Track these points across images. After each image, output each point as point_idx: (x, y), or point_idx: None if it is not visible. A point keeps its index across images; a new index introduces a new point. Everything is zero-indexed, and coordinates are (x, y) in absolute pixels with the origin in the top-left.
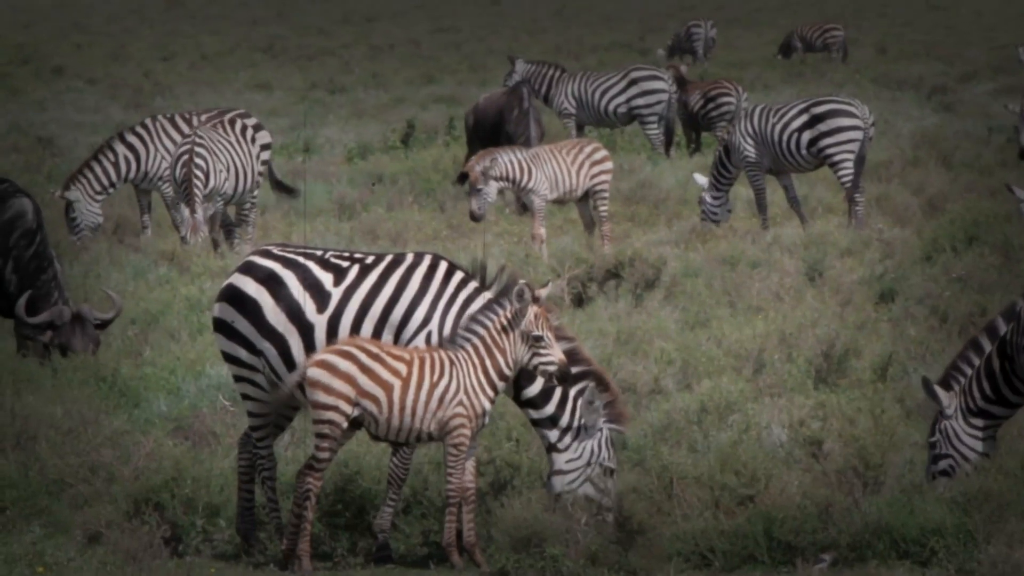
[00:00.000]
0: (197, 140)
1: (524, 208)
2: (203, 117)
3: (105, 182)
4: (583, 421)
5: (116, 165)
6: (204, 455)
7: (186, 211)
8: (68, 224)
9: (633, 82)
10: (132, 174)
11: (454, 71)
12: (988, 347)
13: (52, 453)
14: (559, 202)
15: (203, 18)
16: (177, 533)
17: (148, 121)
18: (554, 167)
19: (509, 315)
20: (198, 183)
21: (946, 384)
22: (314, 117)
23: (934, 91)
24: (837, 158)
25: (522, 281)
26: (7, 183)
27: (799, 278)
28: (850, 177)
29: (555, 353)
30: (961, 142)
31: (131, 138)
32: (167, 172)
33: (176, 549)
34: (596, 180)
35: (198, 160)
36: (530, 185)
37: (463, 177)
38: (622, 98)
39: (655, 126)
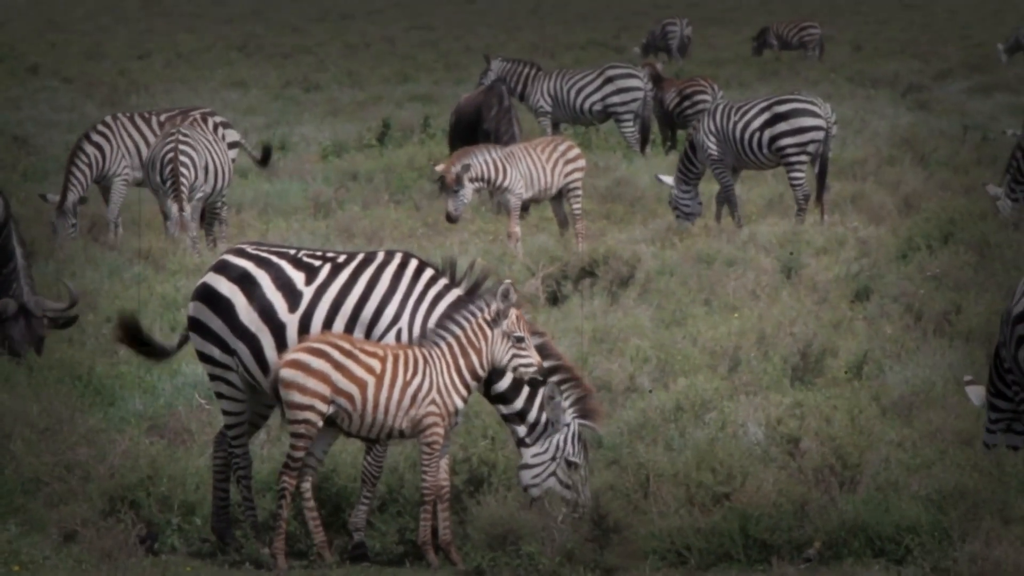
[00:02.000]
0: (181, 138)
1: (500, 206)
2: (163, 116)
3: (86, 184)
4: (546, 416)
5: (90, 166)
6: (180, 453)
7: (174, 208)
8: (66, 227)
9: (609, 80)
10: (97, 173)
11: (430, 69)
12: None
13: (27, 451)
14: (534, 200)
15: (179, 16)
16: (153, 531)
17: (109, 119)
18: (529, 165)
19: (489, 315)
20: (184, 180)
21: None
22: (289, 115)
23: (910, 89)
24: (792, 159)
25: (507, 281)
26: None
27: (775, 276)
28: (801, 180)
29: (534, 355)
30: (937, 140)
31: (97, 137)
32: (125, 169)
33: (152, 547)
34: (570, 178)
35: (183, 158)
36: (505, 184)
37: (443, 181)
38: (598, 96)
39: (630, 124)
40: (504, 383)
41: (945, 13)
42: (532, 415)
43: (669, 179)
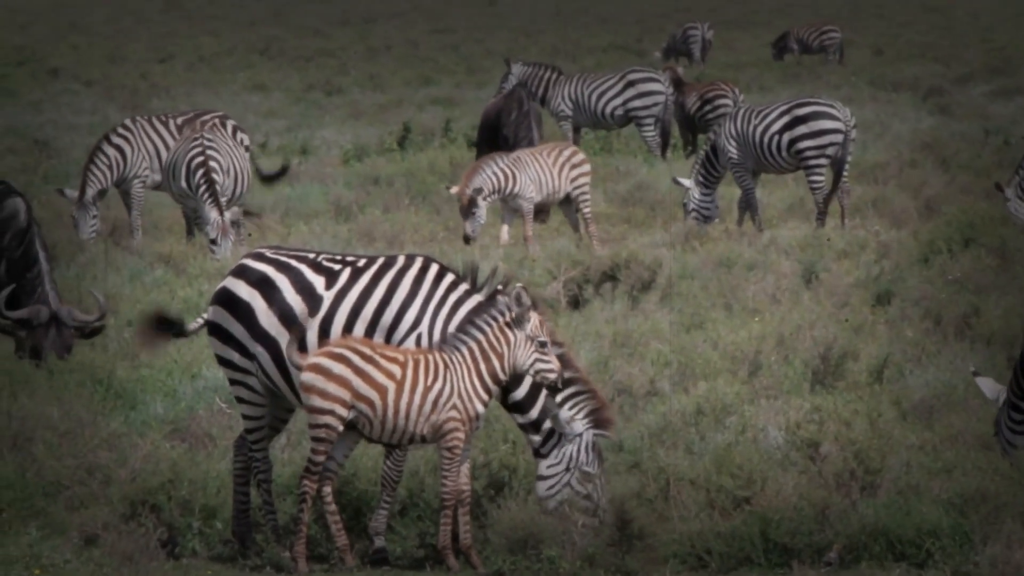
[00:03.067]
0: (207, 143)
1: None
2: (179, 119)
3: (105, 182)
4: (550, 428)
5: (110, 167)
6: (200, 457)
7: (213, 213)
8: (87, 222)
9: (630, 84)
10: (118, 175)
11: (451, 73)
12: None
13: (49, 455)
14: (542, 205)
15: (201, 19)
16: (173, 535)
17: (128, 122)
18: (537, 170)
19: (508, 319)
20: (217, 185)
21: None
22: (311, 118)
23: (931, 93)
24: (812, 162)
25: (519, 285)
26: (2, 184)
27: (795, 280)
28: (820, 184)
29: (555, 361)
30: (958, 144)
31: (117, 140)
32: (144, 172)
33: (172, 551)
34: (577, 183)
35: (212, 163)
36: (516, 190)
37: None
38: (619, 100)
39: (651, 128)
40: (520, 392)
41: (966, 16)
42: (546, 425)
43: (687, 181)
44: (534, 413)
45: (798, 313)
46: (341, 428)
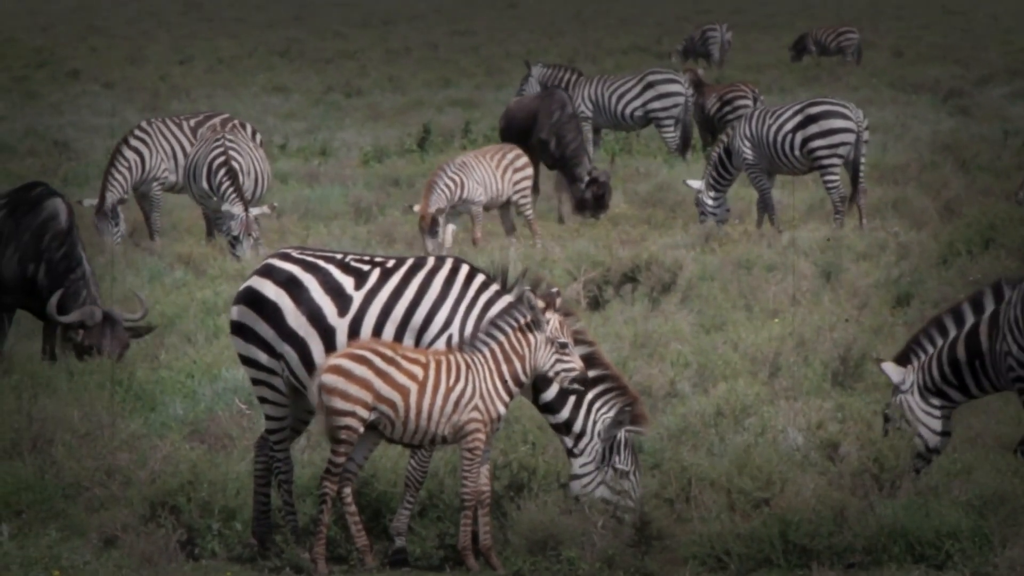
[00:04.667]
0: (228, 143)
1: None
2: (192, 121)
3: (125, 187)
4: (602, 435)
5: (130, 170)
6: (220, 458)
7: (237, 208)
8: (110, 229)
9: (650, 85)
10: (138, 177)
11: (471, 74)
12: (953, 330)
13: (68, 456)
14: (485, 208)
15: (220, 21)
16: (193, 536)
17: (145, 124)
18: (483, 172)
19: (528, 321)
20: (239, 183)
21: (904, 359)
22: (330, 120)
23: (950, 94)
24: (824, 162)
25: (526, 288)
26: (42, 186)
27: (815, 281)
28: (835, 183)
29: (577, 361)
30: (978, 145)
31: (135, 142)
32: (164, 173)
33: (192, 552)
34: (519, 186)
35: (233, 164)
36: (465, 195)
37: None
38: (638, 101)
39: (671, 129)
40: (550, 393)
41: (986, 18)
42: (578, 424)
43: (697, 183)
44: (565, 413)
45: (818, 314)
46: (362, 430)
